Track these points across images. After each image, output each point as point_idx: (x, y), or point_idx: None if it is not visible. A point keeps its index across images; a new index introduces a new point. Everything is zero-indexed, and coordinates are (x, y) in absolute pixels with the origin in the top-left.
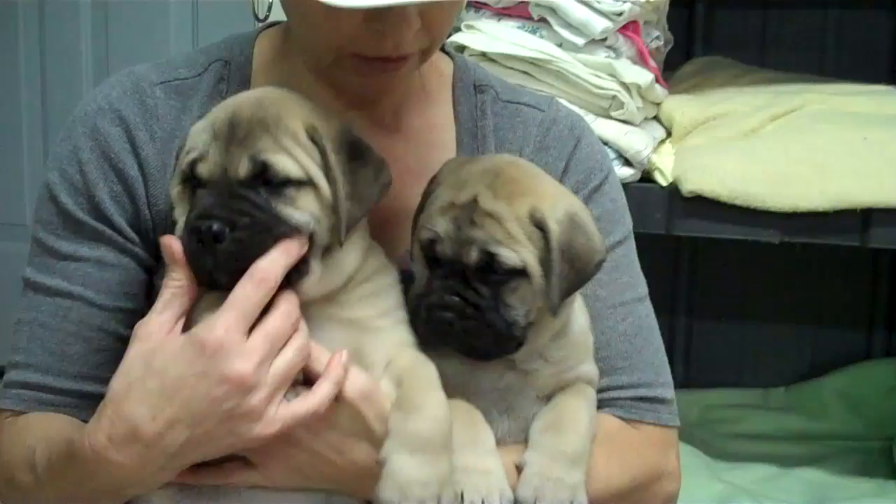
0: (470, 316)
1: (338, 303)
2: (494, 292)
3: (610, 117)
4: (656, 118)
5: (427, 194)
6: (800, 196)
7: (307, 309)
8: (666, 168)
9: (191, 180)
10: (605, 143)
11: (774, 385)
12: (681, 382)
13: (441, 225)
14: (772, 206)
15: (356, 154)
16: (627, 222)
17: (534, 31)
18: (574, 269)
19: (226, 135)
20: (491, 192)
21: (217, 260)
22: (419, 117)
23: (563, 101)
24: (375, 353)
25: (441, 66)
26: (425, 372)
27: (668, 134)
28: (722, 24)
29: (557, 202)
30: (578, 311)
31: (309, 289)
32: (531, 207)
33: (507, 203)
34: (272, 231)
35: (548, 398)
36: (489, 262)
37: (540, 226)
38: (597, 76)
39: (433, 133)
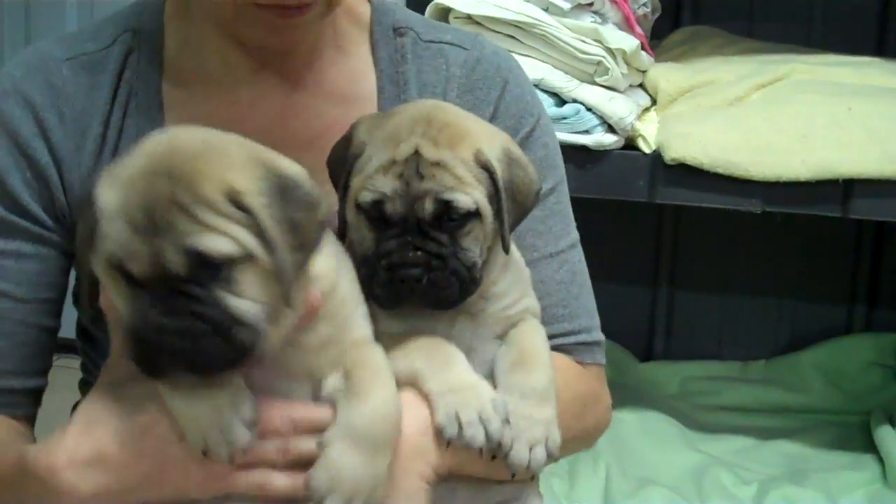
0: (435, 267)
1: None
2: (452, 239)
3: (594, 83)
4: (641, 86)
5: (346, 157)
6: (782, 165)
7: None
8: (649, 135)
9: (119, 271)
10: (589, 109)
11: (754, 358)
12: (661, 354)
13: (386, 184)
14: (754, 174)
15: (288, 197)
16: (560, 167)
17: None
18: (517, 203)
19: (144, 226)
20: (430, 142)
21: (169, 362)
22: (335, 70)
23: (548, 66)
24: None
25: (358, 10)
26: (373, 362)
27: (653, 102)
28: None
29: (493, 140)
30: (512, 245)
31: (269, 352)
32: (474, 150)
33: (450, 149)
34: (223, 333)
35: (500, 337)
36: (445, 211)
37: (485, 166)
38: (582, 41)
39: (351, 85)
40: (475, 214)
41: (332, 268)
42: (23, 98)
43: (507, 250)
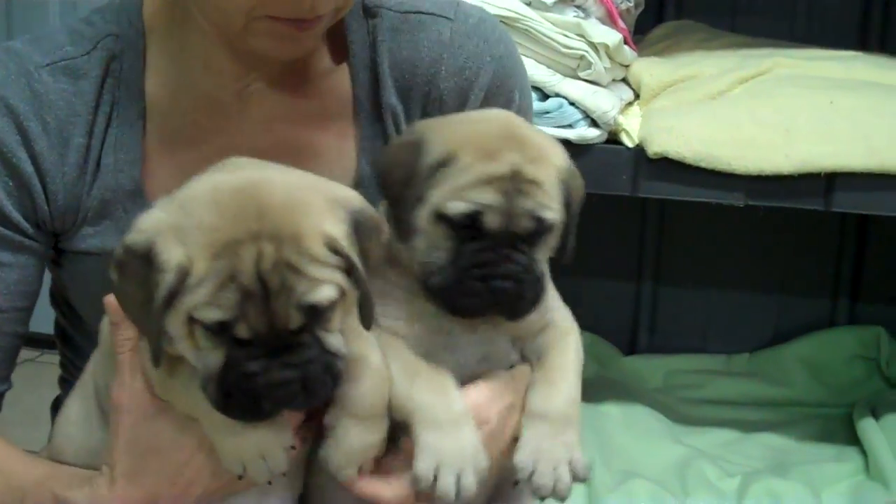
0: (523, 279)
1: None
2: (531, 251)
3: (577, 77)
4: (624, 80)
5: (416, 163)
6: (765, 159)
7: None
8: (633, 129)
9: (212, 331)
10: (572, 104)
11: (738, 351)
12: (645, 347)
13: (487, 197)
14: (737, 168)
15: (360, 230)
16: None
17: None
18: (574, 213)
19: (259, 292)
20: (525, 159)
21: (272, 408)
22: (314, 64)
23: (531, 61)
24: None
25: None
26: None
27: (636, 96)
28: None
29: (563, 156)
30: None
31: None
32: (556, 168)
33: (542, 168)
34: (329, 369)
35: (520, 340)
36: (538, 227)
37: (566, 183)
38: (565, 35)
39: (327, 78)
40: (553, 228)
41: None
42: (5, 105)
43: (571, 259)
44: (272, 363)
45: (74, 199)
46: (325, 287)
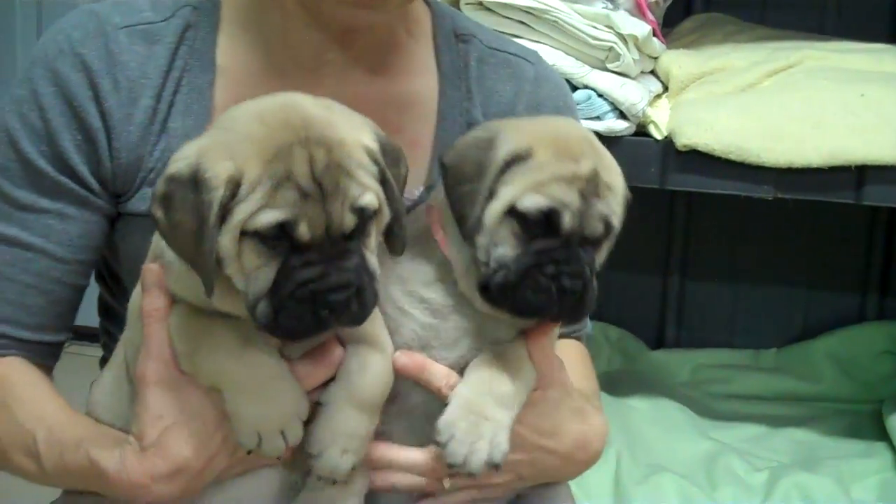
0: (589, 282)
1: None
2: (595, 255)
3: (606, 69)
4: (653, 72)
5: (487, 159)
6: (795, 152)
7: None
8: (661, 122)
9: (267, 236)
10: (600, 96)
11: (766, 346)
12: (673, 342)
13: (567, 195)
14: (766, 161)
15: (388, 152)
16: None
17: None
18: None
19: (315, 192)
20: (601, 163)
21: (323, 320)
22: (401, 61)
23: (560, 53)
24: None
25: (418, 12)
26: (376, 336)
27: (665, 88)
28: None
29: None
30: None
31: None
32: (622, 180)
33: (615, 176)
34: (370, 284)
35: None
36: (603, 233)
37: (626, 198)
38: (593, 27)
39: (415, 79)
40: (614, 236)
41: None
42: (80, 61)
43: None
44: (330, 267)
45: (137, 159)
46: (371, 193)
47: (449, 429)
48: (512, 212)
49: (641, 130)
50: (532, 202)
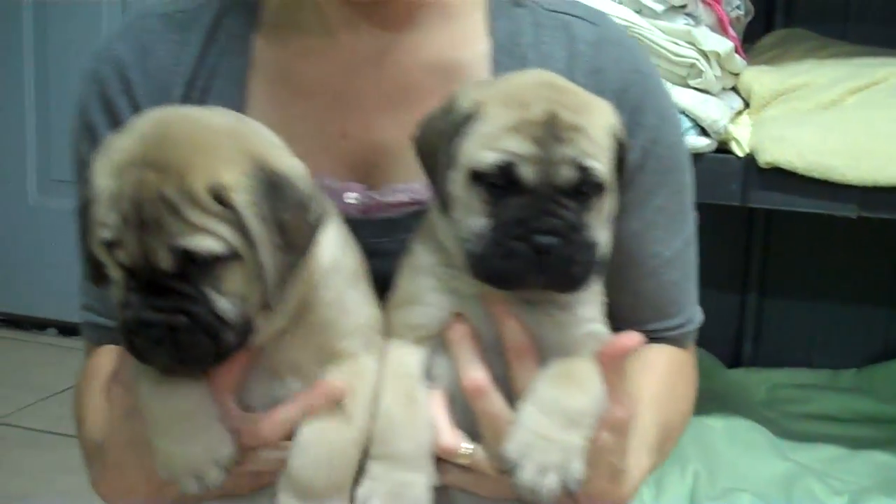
0: (572, 240)
1: (292, 337)
2: (580, 212)
3: (687, 86)
4: (734, 89)
5: (449, 124)
6: (879, 170)
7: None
8: (743, 138)
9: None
10: (682, 112)
11: (845, 366)
12: (750, 360)
13: (517, 145)
14: (850, 179)
15: (277, 196)
16: (686, 167)
17: None
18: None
19: (134, 220)
20: (564, 105)
21: (155, 353)
22: (437, 33)
23: None
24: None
25: None
26: (359, 385)
27: (746, 105)
28: None
29: (612, 112)
30: None
31: (259, 340)
32: (606, 120)
33: (586, 114)
34: (208, 330)
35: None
36: (583, 180)
37: (616, 137)
38: (675, 43)
39: (455, 51)
40: (604, 187)
41: (324, 264)
42: (114, 58)
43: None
44: (143, 300)
45: None
46: (202, 235)
47: (514, 456)
48: (474, 176)
49: (723, 147)
50: (484, 160)
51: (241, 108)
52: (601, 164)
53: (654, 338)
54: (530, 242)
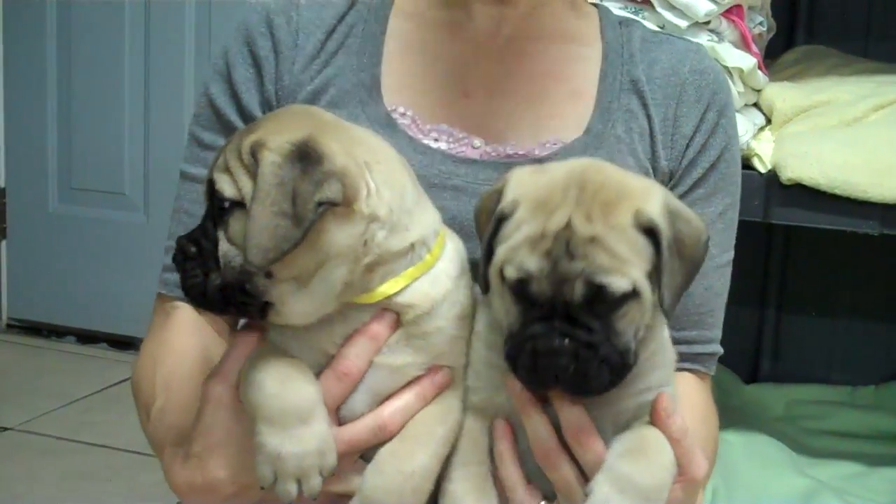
0: (584, 357)
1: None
2: (604, 323)
3: None
4: (756, 105)
5: (493, 212)
6: None
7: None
8: (765, 155)
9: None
10: None
11: (864, 383)
12: (768, 376)
13: (532, 262)
14: (873, 196)
15: (304, 165)
16: (738, 183)
17: (636, 13)
18: (685, 261)
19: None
20: (583, 212)
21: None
22: (561, 24)
23: None
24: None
25: (586, 8)
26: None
27: (768, 121)
28: (825, 13)
29: (651, 196)
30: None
31: (286, 318)
32: (633, 213)
33: (604, 219)
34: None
35: (622, 429)
36: (598, 295)
37: (647, 227)
38: None
39: (575, 44)
40: (632, 295)
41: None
42: (264, 10)
43: (669, 316)
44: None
45: (297, 85)
46: (224, 176)
47: None
48: (503, 279)
49: (745, 163)
50: (507, 273)
51: (375, 66)
52: (620, 277)
53: (685, 354)
54: (538, 362)
